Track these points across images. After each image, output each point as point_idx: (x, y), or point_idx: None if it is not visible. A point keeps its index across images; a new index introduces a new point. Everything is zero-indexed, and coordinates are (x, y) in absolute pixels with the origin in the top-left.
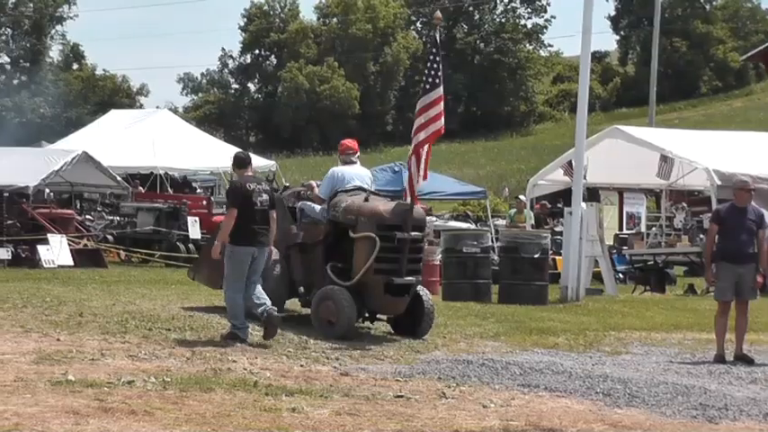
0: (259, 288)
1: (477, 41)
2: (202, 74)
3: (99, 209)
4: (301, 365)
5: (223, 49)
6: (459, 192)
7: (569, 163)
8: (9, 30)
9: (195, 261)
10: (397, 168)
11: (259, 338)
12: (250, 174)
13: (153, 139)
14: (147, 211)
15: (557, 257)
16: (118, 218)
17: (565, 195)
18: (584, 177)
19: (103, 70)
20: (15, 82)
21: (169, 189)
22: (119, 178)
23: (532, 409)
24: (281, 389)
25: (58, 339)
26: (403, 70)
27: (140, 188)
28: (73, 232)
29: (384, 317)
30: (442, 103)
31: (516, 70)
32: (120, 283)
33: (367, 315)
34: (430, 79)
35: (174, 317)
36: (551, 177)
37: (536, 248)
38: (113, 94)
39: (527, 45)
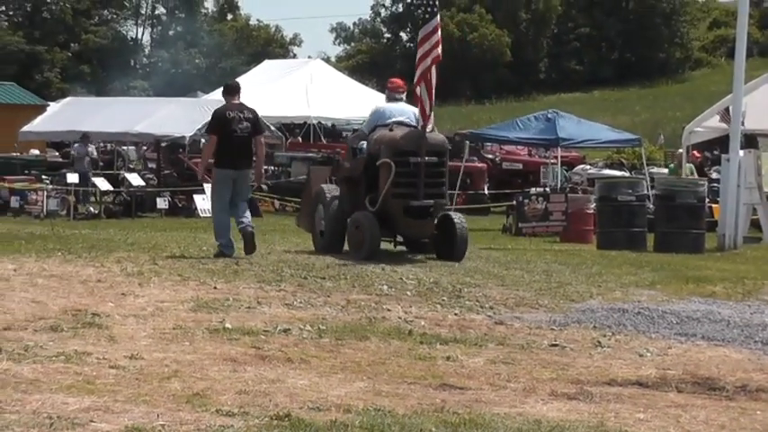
0: (242, 208)
1: None
2: (354, 23)
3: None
4: (455, 314)
5: None
6: (613, 139)
7: (726, 109)
8: None
9: (299, 209)
10: (550, 116)
11: (414, 292)
12: (236, 102)
13: (306, 88)
14: (300, 160)
15: (713, 205)
16: (272, 167)
17: (721, 143)
18: (742, 124)
19: (257, 20)
20: (171, 33)
21: (322, 138)
22: (272, 128)
23: (689, 359)
24: (435, 337)
25: (215, 288)
26: (555, 17)
27: (299, 138)
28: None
29: (425, 242)
30: (439, 31)
31: (671, 16)
32: (274, 232)
33: (402, 241)
34: (428, 9)
35: (328, 265)
36: (708, 124)
37: (692, 196)
38: (267, 45)
39: None
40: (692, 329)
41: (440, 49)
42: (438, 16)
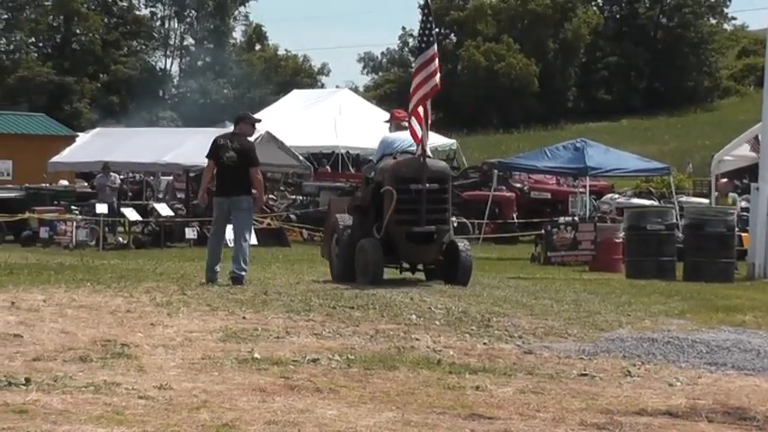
0: (238, 250)
1: (659, 15)
2: (383, 53)
3: (282, 188)
4: (484, 343)
5: (403, 28)
6: (642, 168)
7: (756, 138)
8: (194, 12)
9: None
10: (579, 145)
11: (443, 321)
12: (235, 131)
13: (334, 118)
14: (329, 190)
15: (743, 234)
16: (300, 197)
17: (750, 171)
18: None
19: (285, 50)
20: (199, 63)
21: (350, 168)
22: (301, 158)
23: (720, 388)
24: (464, 367)
25: (244, 317)
26: (584, 46)
27: (327, 167)
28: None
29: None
30: (437, 60)
31: (699, 45)
32: (302, 262)
33: (408, 266)
34: (425, 38)
35: (356, 295)
36: (737, 153)
37: (722, 224)
38: (295, 74)
39: (710, 19)
40: (722, 359)
41: (438, 78)
42: (435, 45)
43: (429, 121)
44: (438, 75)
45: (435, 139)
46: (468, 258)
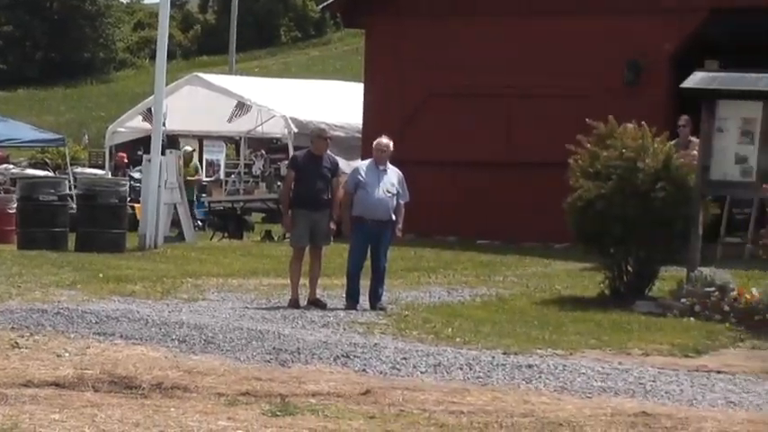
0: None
1: None
2: None
3: None
4: None
5: None
6: (37, 139)
7: (149, 110)
8: None
9: None
10: None
11: None
12: None
13: None
14: None
15: (136, 205)
16: None
17: (145, 143)
18: (164, 125)
19: None
20: None
21: None
22: None
23: (108, 357)
24: None
25: None
26: None
27: None
28: None
29: None
30: None
31: (96, 17)
32: None
33: None
34: None
35: None
36: (131, 125)
37: (114, 196)
38: None
39: None
40: (110, 329)
41: None
42: None
43: None
44: None
45: None
46: None
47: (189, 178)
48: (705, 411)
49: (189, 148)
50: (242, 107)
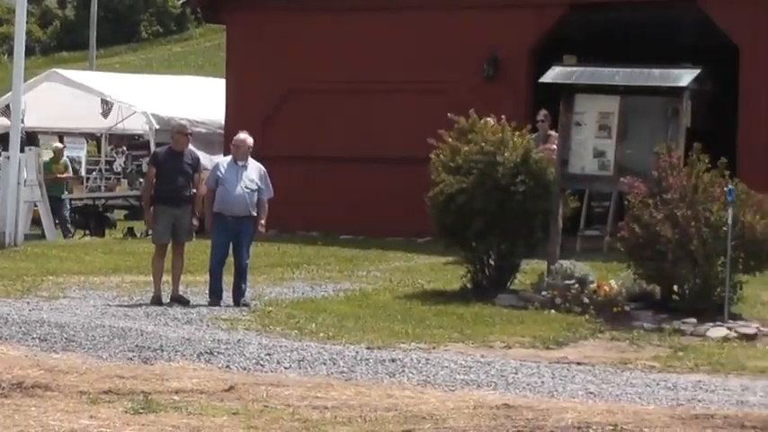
0: None
1: None
2: None
3: None
4: None
5: None
6: None
7: (8, 106)
8: None
9: None
10: None
11: None
12: None
13: None
14: None
15: None
16: None
17: (3, 140)
18: (22, 121)
19: None
20: None
21: None
22: None
23: None
24: None
25: None
26: None
27: None
28: None
29: None
30: None
31: None
32: None
33: None
34: None
35: None
36: None
37: None
38: None
39: None
40: None
41: None
42: None
43: None
44: None
45: None
46: None
47: (59, 176)
48: (566, 402)
49: (59, 145)
50: (106, 103)
